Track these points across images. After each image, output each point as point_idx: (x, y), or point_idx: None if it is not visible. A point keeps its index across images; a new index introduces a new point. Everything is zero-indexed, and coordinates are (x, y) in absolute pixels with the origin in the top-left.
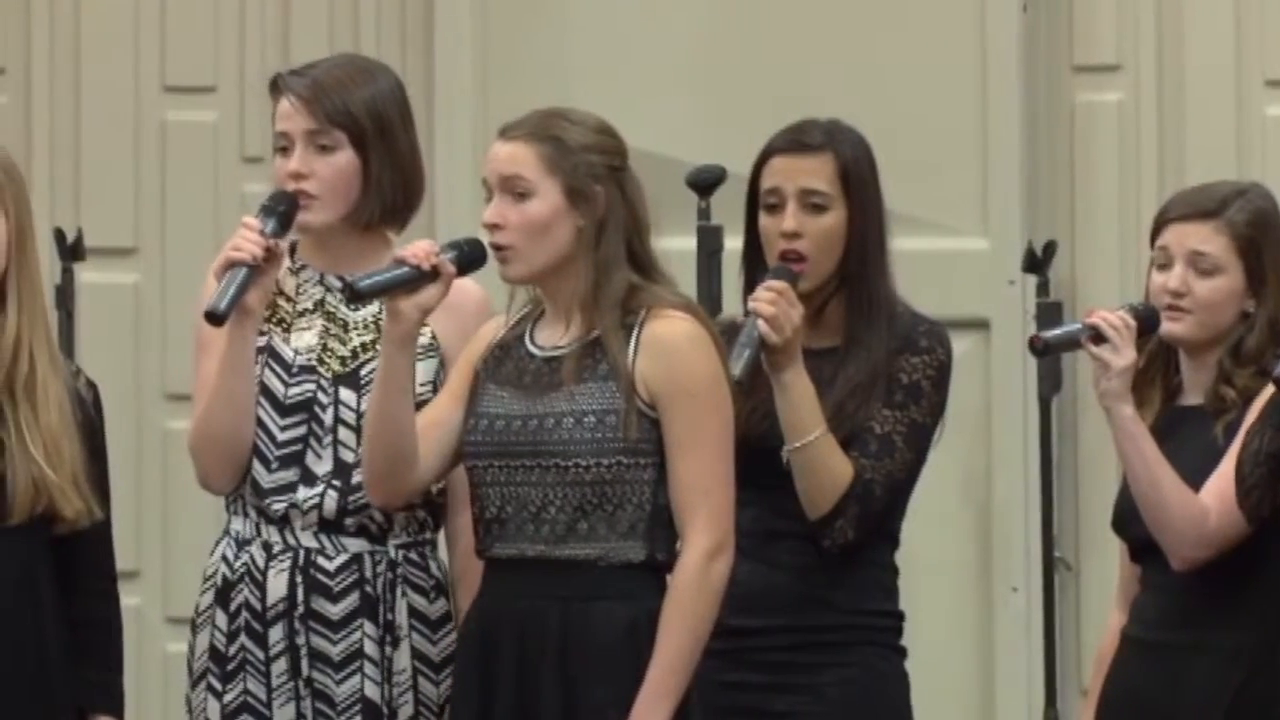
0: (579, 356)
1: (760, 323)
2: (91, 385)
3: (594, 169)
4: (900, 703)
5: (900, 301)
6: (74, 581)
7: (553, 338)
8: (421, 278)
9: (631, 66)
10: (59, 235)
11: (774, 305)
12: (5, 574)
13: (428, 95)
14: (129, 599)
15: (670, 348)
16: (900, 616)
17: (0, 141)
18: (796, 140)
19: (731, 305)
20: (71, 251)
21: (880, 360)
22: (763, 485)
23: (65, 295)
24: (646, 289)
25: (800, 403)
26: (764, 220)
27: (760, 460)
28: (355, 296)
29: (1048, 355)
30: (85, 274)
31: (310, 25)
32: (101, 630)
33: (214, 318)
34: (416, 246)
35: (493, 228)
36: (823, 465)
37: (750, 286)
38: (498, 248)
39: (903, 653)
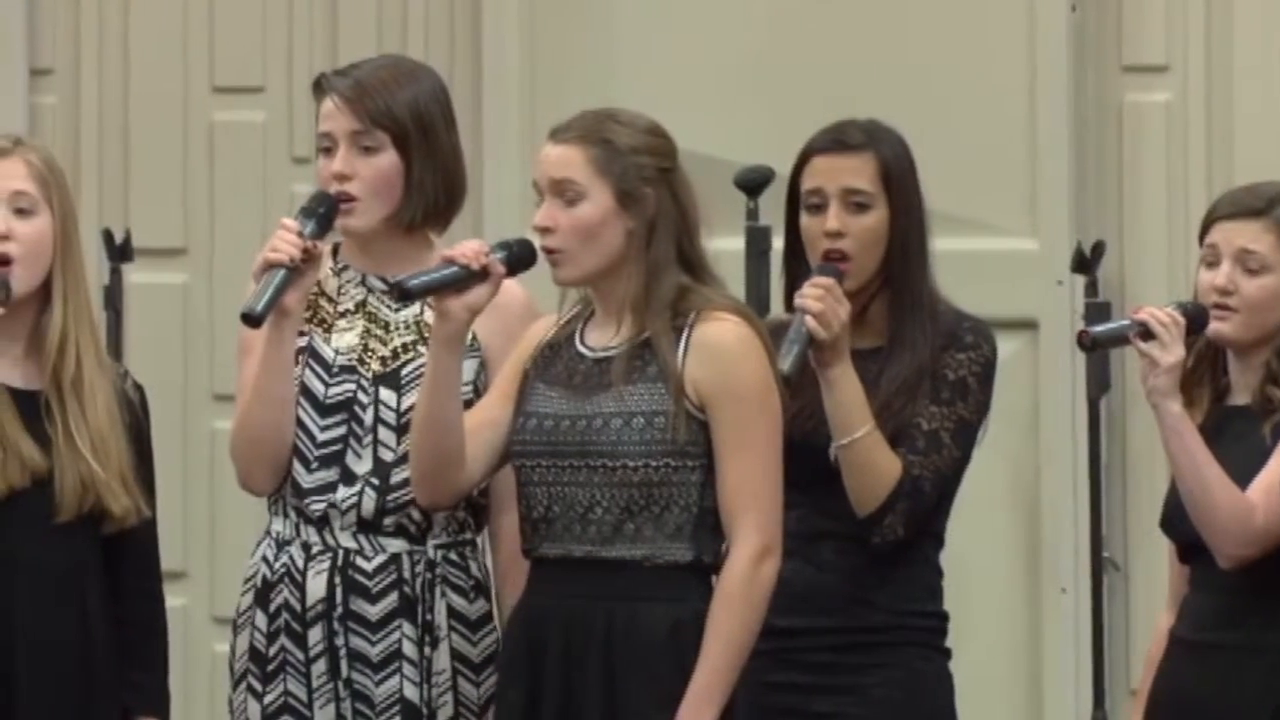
0: (629, 358)
1: (808, 319)
2: (139, 387)
3: (644, 171)
4: (944, 704)
5: (943, 299)
6: (120, 582)
7: (603, 339)
8: (470, 278)
9: (678, 68)
10: (107, 236)
11: (821, 301)
12: (53, 572)
13: (475, 96)
14: (175, 599)
15: (720, 350)
16: (945, 617)
17: (49, 142)
18: (837, 140)
19: (779, 306)
20: (120, 252)
21: (925, 358)
22: (808, 485)
23: (114, 295)
24: (697, 291)
25: (848, 399)
26: (806, 221)
27: (806, 460)
28: (404, 296)
29: (1096, 351)
30: (133, 274)
31: (358, 26)
32: (147, 631)
33: (250, 319)
34: (466, 246)
35: (544, 231)
36: (871, 462)
37: (791, 288)
38: (549, 251)
39: (947, 654)
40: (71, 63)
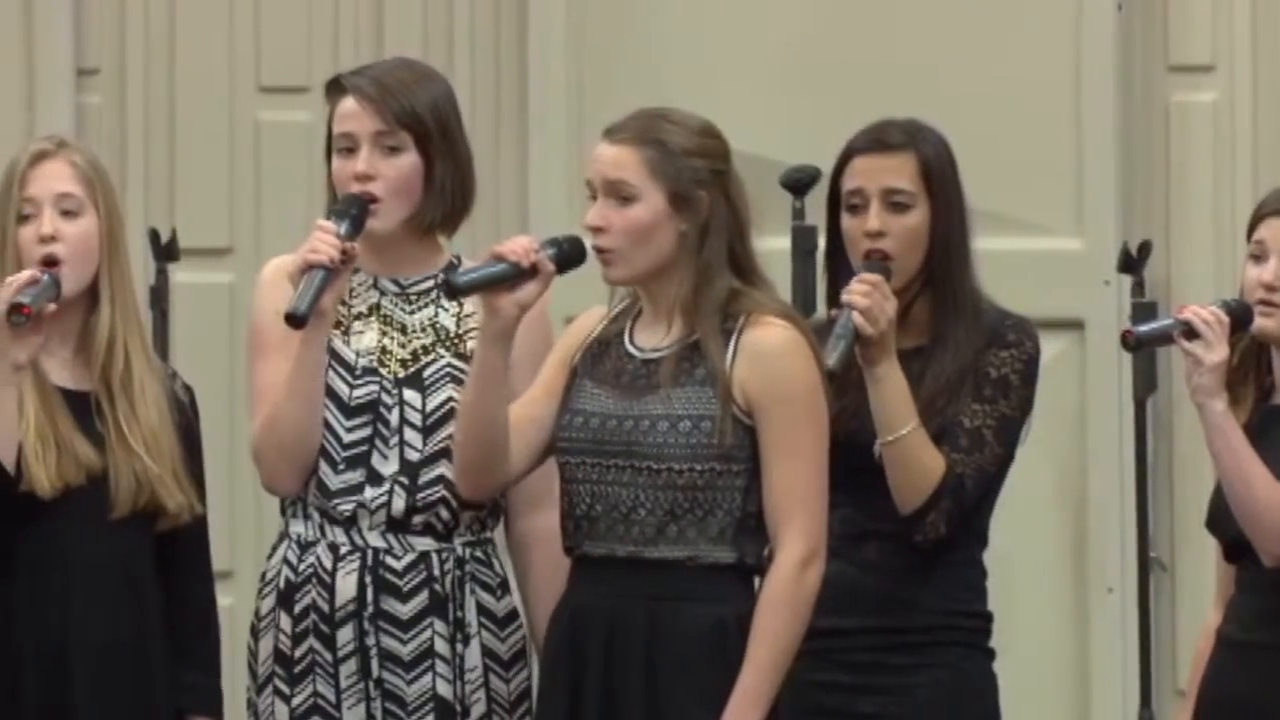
0: (677, 359)
1: (855, 315)
2: (188, 388)
3: (698, 174)
4: (988, 705)
5: (985, 298)
6: (174, 581)
7: (652, 339)
8: (520, 275)
9: (725, 67)
10: (153, 236)
11: (868, 297)
12: (109, 569)
13: (521, 95)
14: (222, 599)
15: (769, 355)
16: (989, 617)
17: (95, 142)
18: (878, 140)
19: (825, 305)
20: (166, 252)
21: (968, 357)
22: (852, 485)
23: (160, 295)
24: (747, 294)
25: (894, 397)
26: (847, 221)
27: (850, 459)
28: (452, 293)
29: (1140, 350)
30: (180, 274)
31: (404, 25)
32: (200, 631)
33: (294, 320)
34: (516, 243)
35: (596, 230)
36: (915, 459)
37: (833, 288)
38: (601, 250)
39: (991, 654)
40: (118, 63)
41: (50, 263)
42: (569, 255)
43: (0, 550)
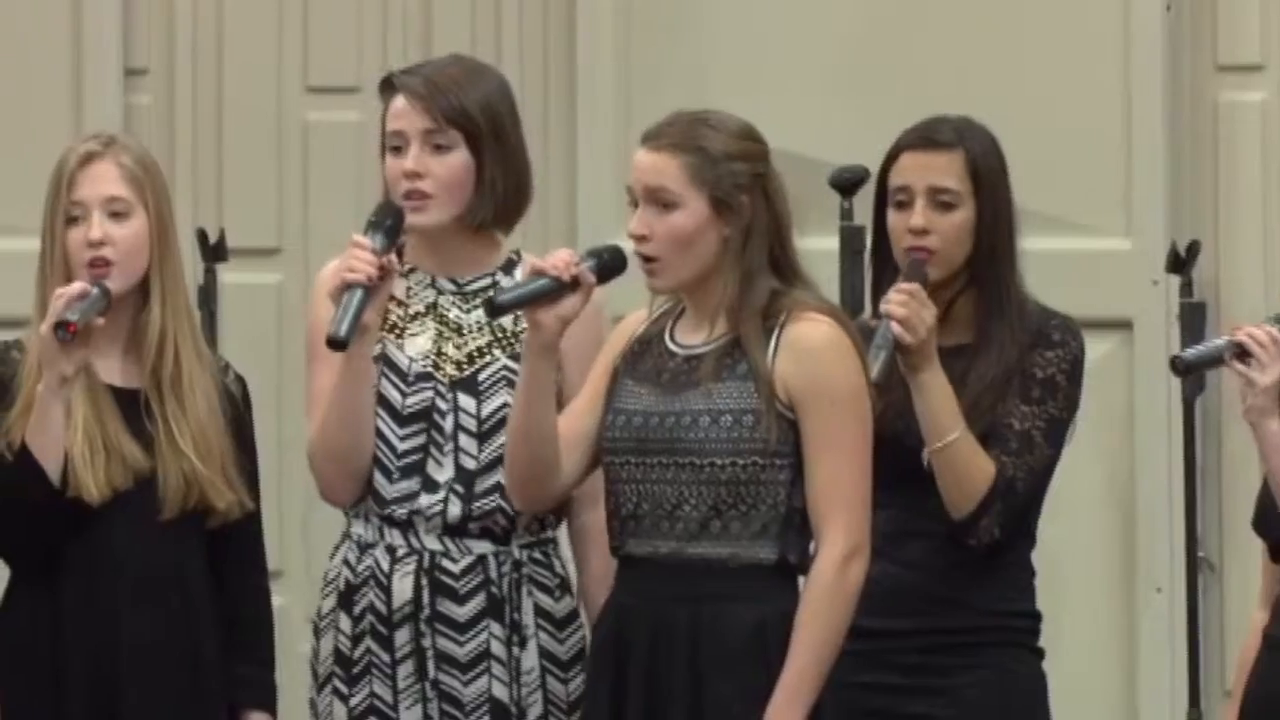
0: (719, 355)
1: (893, 324)
2: (240, 379)
3: (739, 178)
4: (1037, 705)
5: (1029, 297)
6: (226, 576)
7: (694, 337)
8: (561, 288)
9: (773, 68)
10: (202, 236)
11: (906, 307)
12: (159, 569)
13: (569, 95)
14: (272, 598)
15: (811, 350)
16: (1037, 617)
17: (144, 142)
18: (927, 137)
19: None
20: (214, 252)
21: (1013, 356)
22: (897, 485)
23: (208, 295)
24: (787, 293)
25: (939, 403)
26: (892, 217)
27: (895, 459)
28: (495, 311)
29: (1189, 375)
30: (228, 274)
31: (452, 25)
32: (253, 625)
33: (336, 344)
34: (556, 257)
35: (639, 239)
36: (965, 464)
37: (878, 283)
38: (645, 259)
39: (1040, 654)
40: (166, 63)
41: (98, 265)
42: (609, 266)
43: (49, 554)
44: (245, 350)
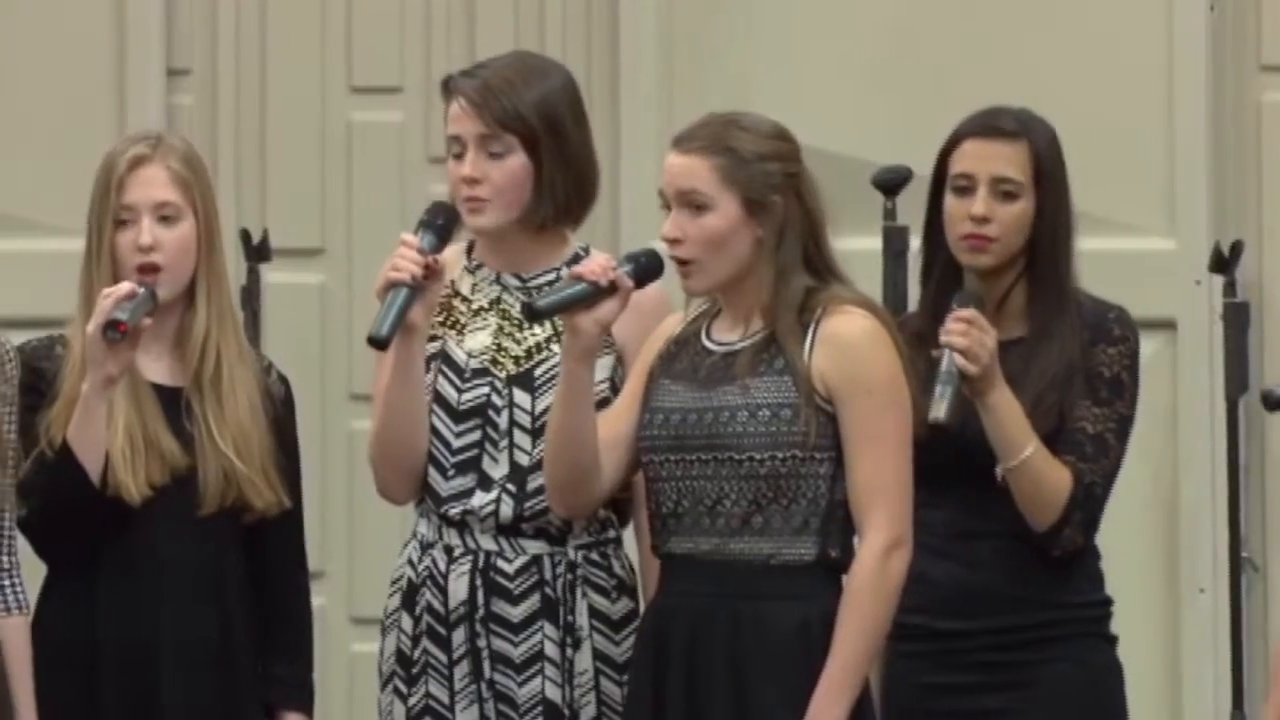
0: (755, 351)
1: (956, 357)
2: (283, 380)
3: (771, 178)
4: (1115, 694)
5: (1081, 289)
6: (265, 576)
7: (731, 334)
8: (599, 293)
9: (815, 68)
10: (245, 236)
11: (966, 336)
12: (196, 568)
13: (612, 95)
14: (314, 599)
15: (848, 344)
16: (1109, 602)
17: None
18: (991, 125)
19: (916, 305)
20: (257, 252)
21: (1074, 351)
22: (959, 485)
23: (251, 295)
24: (824, 290)
25: (1009, 421)
26: (951, 202)
27: (952, 459)
28: (533, 316)
29: None
30: (271, 274)
31: (495, 26)
32: (292, 625)
33: (376, 343)
34: (594, 262)
35: (672, 242)
36: (1041, 478)
37: (928, 269)
38: (679, 261)
39: (1114, 641)
40: (209, 63)
41: (148, 270)
42: (647, 269)
43: (86, 551)
44: (288, 350)
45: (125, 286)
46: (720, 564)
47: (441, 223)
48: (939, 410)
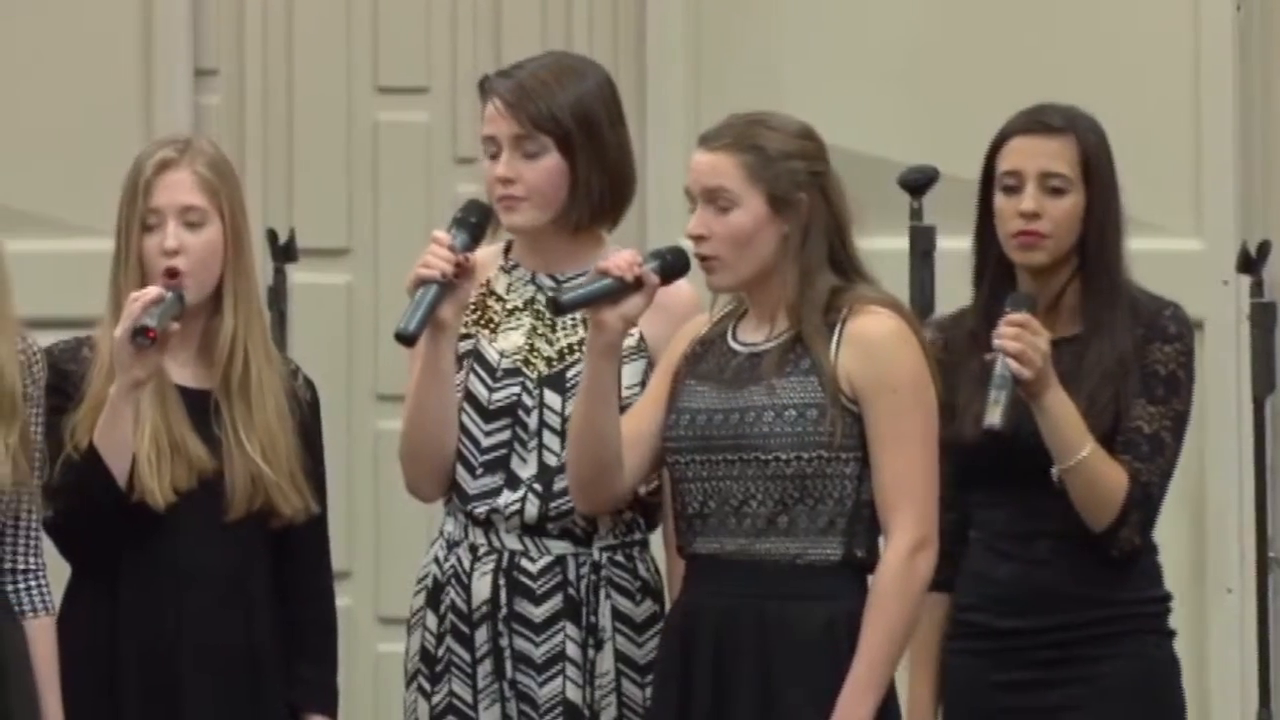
0: (781, 351)
1: (1010, 361)
2: (309, 384)
3: (797, 176)
4: (1173, 689)
5: (1135, 284)
6: (290, 579)
7: (757, 335)
8: (625, 289)
9: (842, 67)
10: (272, 236)
11: (1019, 339)
12: (221, 573)
13: (639, 95)
14: (340, 599)
15: (874, 343)
16: (1168, 598)
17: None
18: (1038, 122)
19: (943, 306)
20: (284, 252)
21: (1127, 347)
22: (1017, 484)
23: (278, 296)
24: (849, 289)
25: (1064, 423)
26: (1000, 201)
27: (1010, 459)
28: (558, 309)
29: None
30: (298, 274)
31: (522, 26)
32: (316, 628)
33: (403, 338)
34: (619, 258)
35: (697, 239)
36: (1099, 479)
37: (981, 271)
38: (704, 258)
39: (1172, 635)
40: (236, 63)
41: (173, 274)
42: (673, 266)
43: (111, 555)
44: (314, 350)
45: (152, 291)
46: (747, 564)
47: (475, 221)
48: (994, 416)
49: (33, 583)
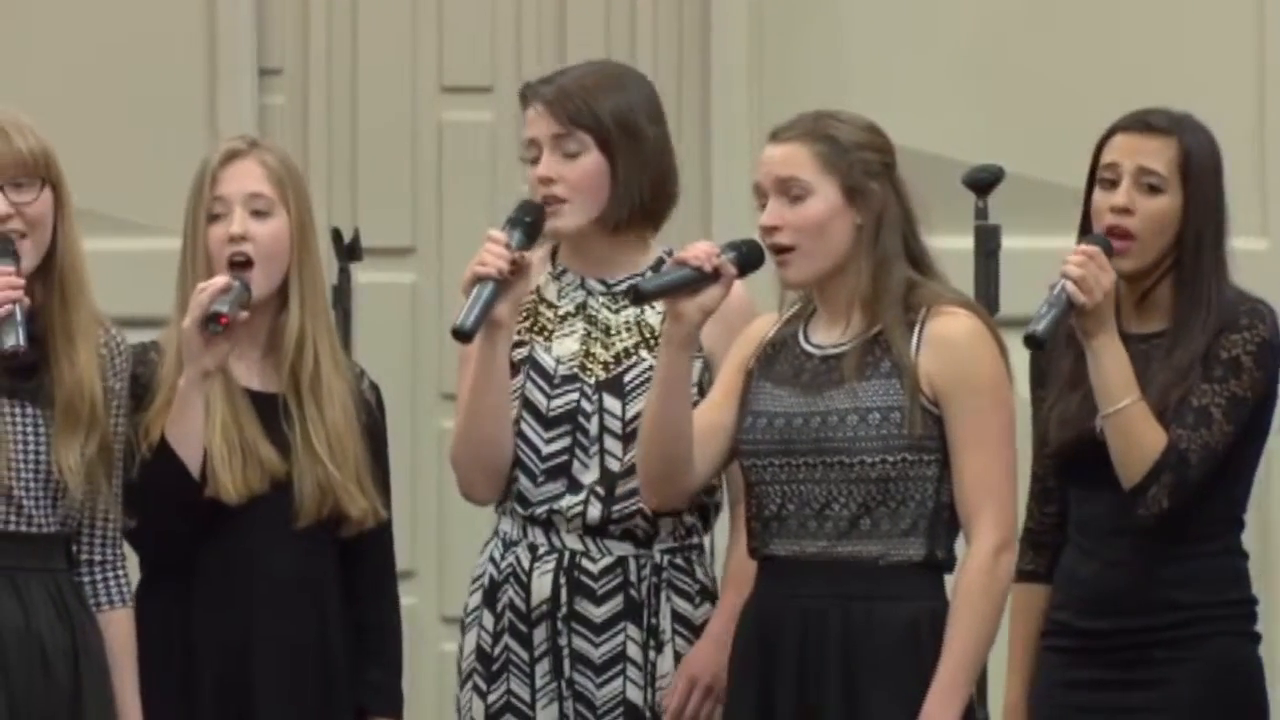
0: (860, 353)
1: (1068, 284)
2: (374, 387)
3: (870, 166)
4: (1254, 692)
5: (1233, 286)
6: (357, 583)
7: (831, 336)
8: (703, 279)
9: (907, 67)
10: (336, 235)
11: (1083, 267)
12: (292, 577)
13: (703, 94)
14: (403, 598)
15: (954, 345)
16: (1252, 602)
17: (278, 142)
18: (1142, 120)
19: (1009, 305)
20: (349, 251)
21: (1201, 345)
22: (1099, 483)
23: (342, 295)
24: (925, 285)
25: (1113, 369)
26: (1097, 195)
27: (1096, 457)
28: (638, 298)
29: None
30: (362, 274)
31: (586, 25)
32: (383, 632)
33: (460, 335)
34: (698, 248)
35: (771, 230)
36: (1136, 431)
37: None
38: (779, 250)
39: (1257, 639)
40: (300, 63)
41: (239, 263)
42: (749, 258)
43: (184, 553)
44: (379, 350)
45: (220, 280)
46: (829, 565)
47: (530, 220)
48: (1038, 325)
49: (110, 574)
